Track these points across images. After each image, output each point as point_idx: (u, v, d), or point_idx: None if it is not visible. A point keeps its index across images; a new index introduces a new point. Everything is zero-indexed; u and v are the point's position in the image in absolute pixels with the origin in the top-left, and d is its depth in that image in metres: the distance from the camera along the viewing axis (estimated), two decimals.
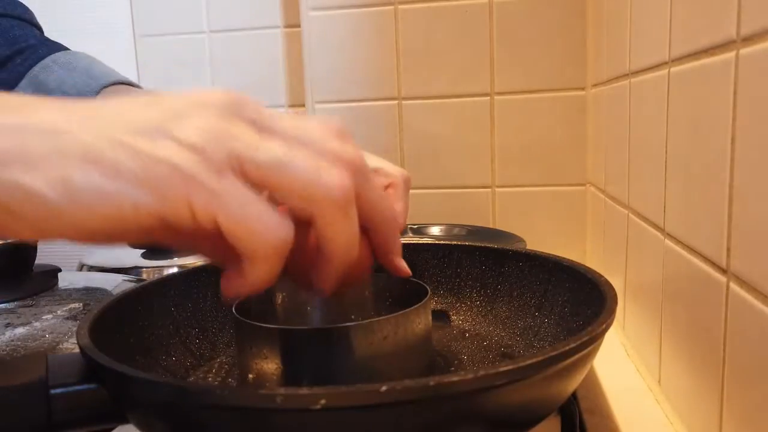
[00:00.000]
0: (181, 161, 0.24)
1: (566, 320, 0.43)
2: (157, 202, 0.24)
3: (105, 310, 0.39)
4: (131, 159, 0.24)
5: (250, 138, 0.25)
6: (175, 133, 0.25)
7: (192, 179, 0.24)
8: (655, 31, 0.51)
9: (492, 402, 0.28)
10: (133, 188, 0.24)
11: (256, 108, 0.27)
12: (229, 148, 0.25)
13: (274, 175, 0.25)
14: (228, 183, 0.25)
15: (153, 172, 0.24)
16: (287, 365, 0.35)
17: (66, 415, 0.30)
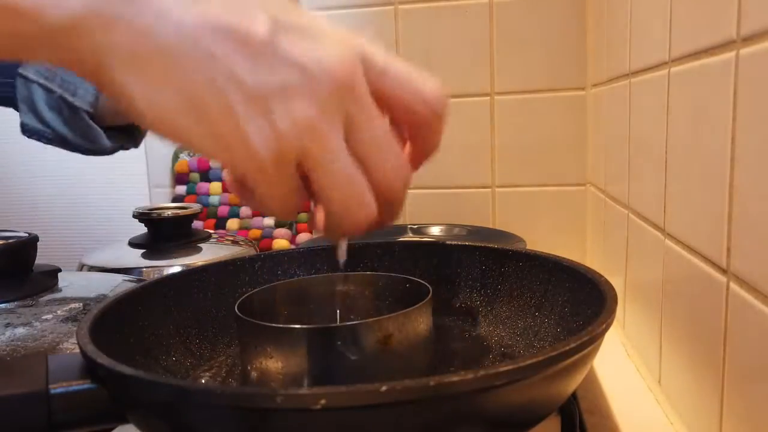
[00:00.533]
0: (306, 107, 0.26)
1: (566, 320, 0.43)
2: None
3: (105, 310, 0.39)
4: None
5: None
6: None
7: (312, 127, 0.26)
8: (655, 30, 0.51)
9: (492, 402, 0.28)
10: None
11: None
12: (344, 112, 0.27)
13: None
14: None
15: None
16: (290, 364, 0.35)
17: (66, 415, 0.30)
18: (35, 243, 0.54)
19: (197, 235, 0.78)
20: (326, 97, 0.26)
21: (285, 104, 0.26)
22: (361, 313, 0.45)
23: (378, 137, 0.28)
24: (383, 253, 0.54)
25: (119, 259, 0.74)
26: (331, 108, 0.27)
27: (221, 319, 0.49)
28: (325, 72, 0.26)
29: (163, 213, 0.75)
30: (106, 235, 1.06)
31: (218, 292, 0.50)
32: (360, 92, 0.27)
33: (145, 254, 0.75)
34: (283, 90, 0.26)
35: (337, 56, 0.26)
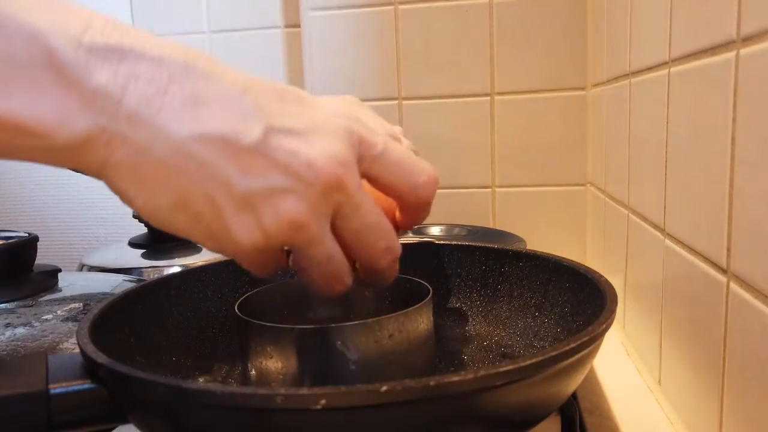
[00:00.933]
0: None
1: (566, 320, 0.43)
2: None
3: (105, 310, 0.39)
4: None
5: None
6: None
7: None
8: (655, 30, 0.51)
9: (492, 402, 0.28)
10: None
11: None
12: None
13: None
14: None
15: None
16: (291, 364, 0.35)
17: (66, 416, 0.30)
18: (35, 243, 0.54)
19: None
20: (314, 197, 0.27)
21: (272, 205, 0.27)
22: (361, 313, 0.45)
23: (367, 225, 0.30)
24: None
25: (119, 259, 0.74)
26: (319, 206, 0.28)
27: (221, 319, 0.49)
28: (314, 175, 0.27)
29: None
30: (106, 235, 1.06)
31: (218, 292, 0.50)
32: (350, 188, 0.28)
33: (145, 254, 0.75)
34: (271, 192, 0.27)
35: (328, 157, 0.27)
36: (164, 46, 0.26)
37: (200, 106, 0.26)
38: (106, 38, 0.25)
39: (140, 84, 0.25)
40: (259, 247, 0.28)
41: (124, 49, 0.25)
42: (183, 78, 0.26)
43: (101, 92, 0.25)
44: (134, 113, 0.25)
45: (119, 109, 0.25)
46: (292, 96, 0.29)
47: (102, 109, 0.25)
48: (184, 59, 0.26)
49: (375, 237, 0.30)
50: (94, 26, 0.25)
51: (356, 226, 0.30)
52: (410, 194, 0.31)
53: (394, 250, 0.32)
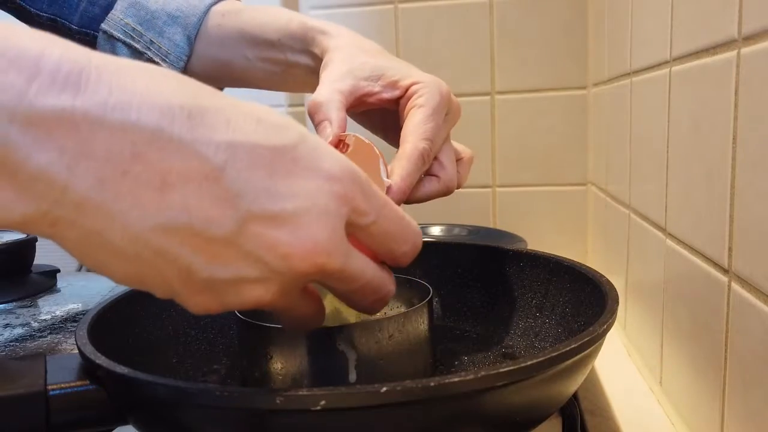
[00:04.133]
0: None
1: (567, 320, 0.42)
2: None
3: (104, 311, 0.38)
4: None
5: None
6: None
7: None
8: (656, 30, 0.51)
9: (493, 403, 0.28)
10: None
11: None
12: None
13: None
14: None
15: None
16: (290, 364, 0.35)
17: (65, 416, 0.30)
18: (34, 244, 0.54)
19: None
20: (286, 283, 0.25)
21: (236, 291, 0.25)
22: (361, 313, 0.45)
23: (355, 290, 0.28)
24: None
25: None
26: (291, 288, 0.26)
27: (220, 320, 0.49)
28: (288, 265, 0.24)
29: None
30: None
31: None
32: (331, 271, 0.26)
33: None
34: (238, 282, 0.24)
35: (310, 248, 0.24)
36: (133, 98, 0.22)
37: (167, 188, 0.22)
38: (53, 99, 0.20)
39: (94, 163, 0.21)
40: (218, 312, 0.26)
41: (76, 115, 0.20)
42: (149, 152, 0.21)
43: (42, 177, 0.20)
44: (84, 199, 0.21)
45: (65, 194, 0.21)
46: (287, 157, 0.25)
47: (43, 195, 0.21)
48: (156, 123, 0.22)
49: (363, 296, 0.29)
50: (40, 78, 0.20)
51: (341, 291, 0.28)
52: (389, 259, 0.30)
53: (384, 299, 0.30)
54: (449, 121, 0.43)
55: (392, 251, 0.29)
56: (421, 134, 0.39)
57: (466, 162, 0.46)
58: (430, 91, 0.41)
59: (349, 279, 0.27)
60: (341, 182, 0.26)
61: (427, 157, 0.40)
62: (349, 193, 0.26)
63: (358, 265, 0.27)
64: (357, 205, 0.26)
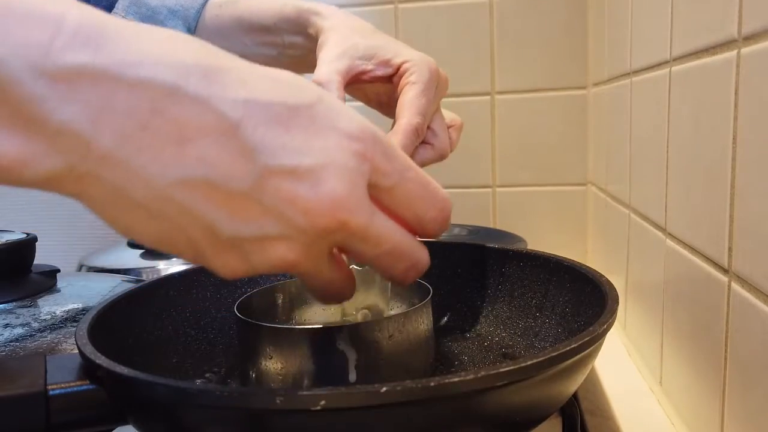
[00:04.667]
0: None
1: (567, 320, 0.42)
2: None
3: (104, 310, 0.38)
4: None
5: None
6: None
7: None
8: (656, 29, 0.51)
9: (493, 403, 0.28)
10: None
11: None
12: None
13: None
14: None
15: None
16: (290, 364, 0.35)
17: (65, 416, 0.30)
18: (34, 243, 0.54)
19: None
20: (310, 241, 0.25)
21: (261, 249, 0.25)
22: None
23: (380, 254, 0.27)
24: None
25: (118, 260, 0.74)
26: (316, 247, 0.26)
27: (220, 319, 0.49)
28: (310, 221, 0.24)
29: None
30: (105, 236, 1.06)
31: (217, 293, 0.50)
32: (354, 227, 0.25)
33: (144, 255, 0.75)
34: (261, 238, 0.25)
35: (329, 203, 0.24)
36: (150, 57, 0.22)
37: (185, 142, 0.23)
38: (75, 56, 0.21)
39: (116, 117, 0.22)
40: (247, 276, 0.26)
41: (97, 71, 0.21)
42: (168, 106, 0.22)
43: (67, 131, 0.21)
44: (108, 154, 0.22)
45: (89, 149, 0.22)
46: (304, 114, 0.25)
47: (69, 149, 0.22)
48: (173, 80, 0.22)
49: (392, 262, 0.28)
50: (62, 37, 0.21)
51: (369, 256, 0.27)
52: (417, 226, 0.29)
53: (418, 264, 0.29)
54: (439, 94, 0.45)
55: (419, 217, 0.28)
56: (414, 110, 0.42)
57: (457, 129, 0.50)
58: (420, 69, 0.43)
59: (375, 240, 0.26)
60: (361, 141, 0.26)
61: (420, 130, 0.42)
62: (369, 152, 0.26)
63: (384, 226, 0.27)
64: (378, 165, 0.26)
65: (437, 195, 0.29)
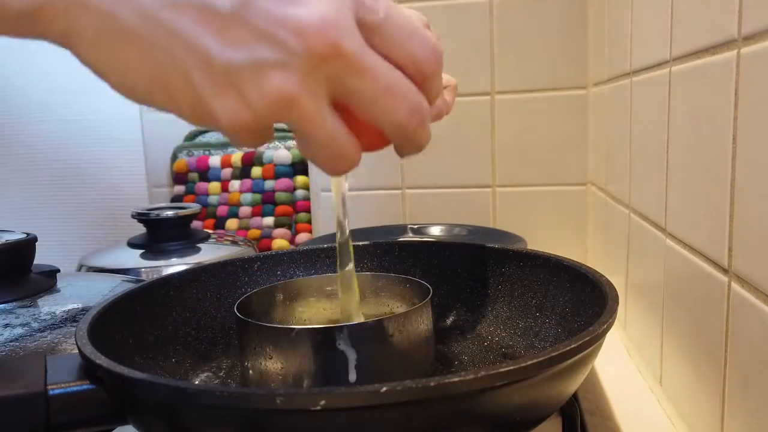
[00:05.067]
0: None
1: (567, 320, 0.42)
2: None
3: (104, 310, 0.38)
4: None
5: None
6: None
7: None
8: (656, 29, 0.51)
9: (493, 403, 0.28)
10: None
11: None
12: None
13: None
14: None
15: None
16: (290, 364, 0.35)
17: (65, 416, 0.30)
18: (34, 243, 0.54)
19: (196, 235, 0.78)
20: (306, 69, 0.24)
21: (257, 80, 0.24)
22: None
23: (380, 91, 0.26)
24: (383, 253, 0.54)
25: (118, 260, 0.74)
26: (313, 79, 0.25)
27: (220, 319, 0.49)
28: (305, 44, 0.24)
29: (161, 213, 0.75)
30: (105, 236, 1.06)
31: (217, 293, 0.50)
32: (350, 54, 0.25)
33: (143, 255, 0.75)
34: (256, 66, 0.24)
35: (318, 21, 0.24)
36: None
37: None
38: None
39: None
40: (247, 126, 0.25)
41: None
42: None
43: None
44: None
45: None
46: None
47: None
48: None
49: (393, 102, 0.26)
50: None
51: (368, 95, 0.26)
52: (411, 66, 0.27)
53: (419, 110, 0.27)
54: None
55: (412, 55, 0.27)
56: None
57: (452, 89, 0.49)
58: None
59: (372, 73, 0.26)
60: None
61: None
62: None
63: (379, 60, 0.26)
64: (359, 1, 0.26)
65: (425, 33, 0.28)
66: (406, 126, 0.27)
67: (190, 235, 0.77)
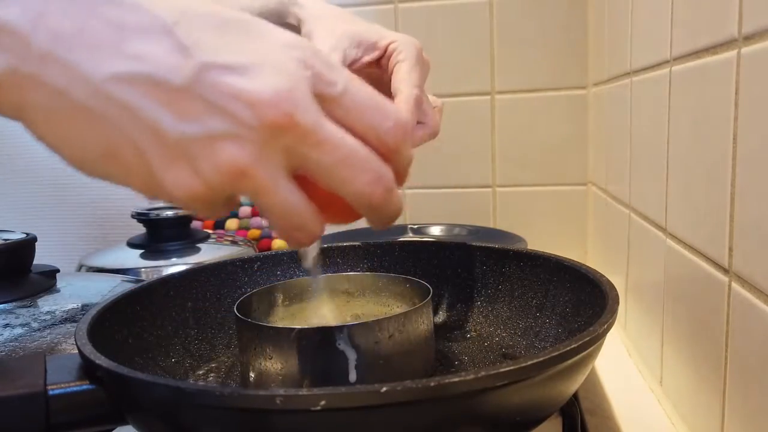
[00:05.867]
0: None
1: (567, 320, 0.42)
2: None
3: (103, 310, 0.38)
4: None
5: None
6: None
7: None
8: (656, 29, 0.51)
9: (493, 403, 0.28)
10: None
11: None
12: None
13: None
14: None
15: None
16: (290, 364, 0.35)
17: (64, 416, 0.30)
18: (33, 243, 0.54)
19: (196, 235, 0.78)
20: (260, 141, 0.24)
21: (209, 152, 0.24)
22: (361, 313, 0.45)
23: (338, 160, 0.26)
24: (383, 253, 0.54)
25: (118, 260, 0.74)
26: (267, 151, 0.25)
27: (220, 319, 0.49)
28: (257, 116, 0.24)
29: (161, 213, 0.75)
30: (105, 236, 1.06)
31: (217, 293, 0.50)
32: (304, 126, 0.25)
33: (143, 255, 0.75)
34: (208, 137, 0.24)
35: (271, 93, 0.24)
36: None
37: (123, 40, 0.23)
38: None
39: (53, 18, 0.23)
40: (201, 198, 0.25)
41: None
42: (105, 8, 0.23)
43: (8, 29, 0.22)
44: (47, 52, 0.23)
45: (30, 47, 0.22)
46: (236, 26, 0.25)
47: (10, 48, 0.22)
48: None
49: (352, 173, 0.26)
50: None
51: (326, 166, 0.26)
52: (374, 140, 0.27)
53: (382, 180, 0.27)
54: (424, 73, 0.47)
55: (374, 128, 0.27)
56: (410, 83, 0.44)
57: (440, 110, 0.51)
58: (407, 47, 0.45)
59: (330, 144, 0.25)
60: (299, 49, 0.26)
61: (419, 101, 0.44)
62: (309, 60, 0.26)
63: (337, 130, 0.26)
64: (320, 72, 0.26)
65: (388, 105, 0.28)
66: (369, 196, 0.27)
67: (189, 235, 0.77)
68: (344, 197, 0.27)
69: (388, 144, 0.27)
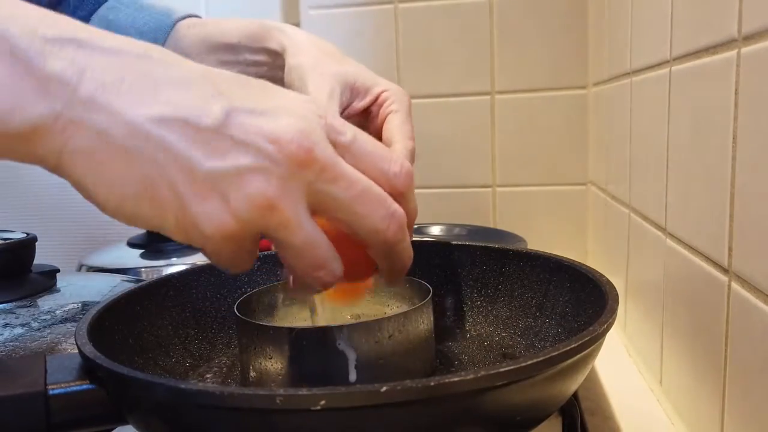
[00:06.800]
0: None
1: (567, 320, 0.42)
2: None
3: (104, 310, 0.38)
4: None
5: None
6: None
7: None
8: (656, 29, 0.51)
9: (493, 403, 0.28)
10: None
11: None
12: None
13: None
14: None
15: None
16: (291, 364, 0.35)
17: (64, 416, 0.30)
18: (34, 243, 0.54)
19: None
20: (284, 175, 0.26)
21: (239, 186, 0.26)
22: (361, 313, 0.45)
23: (354, 196, 0.28)
24: None
25: (118, 260, 0.74)
26: (290, 184, 0.27)
27: (220, 319, 0.49)
28: (281, 150, 0.26)
29: None
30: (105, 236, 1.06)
31: (217, 293, 0.50)
32: (322, 161, 0.27)
33: (143, 254, 0.75)
34: (237, 173, 0.26)
35: (295, 131, 0.27)
36: (119, 39, 0.27)
37: (159, 89, 0.26)
38: (61, 31, 0.25)
39: (96, 72, 0.25)
40: (229, 234, 0.27)
41: (81, 41, 0.25)
42: (140, 65, 0.26)
43: (57, 78, 0.24)
44: (90, 98, 0.25)
45: (75, 94, 0.25)
46: (256, 84, 0.29)
47: (57, 95, 0.24)
48: (140, 50, 0.27)
49: (369, 208, 0.28)
50: (49, 20, 0.25)
51: (343, 201, 0.28)
52: (384, 182, 0.30)
53: (396, 216, 0.29)
54: (412, 126, 0.48)
55: (384, 171, 0.30)
56: (405, 135, 0.44)
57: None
58: (399, 97, 0.46)
59: (347, 179, 0.28)
60: (312, 102, 0.29)
61: (414, 152, 0.44)
62: (321, 111, 0.29)
63: (351, 168, 0.28)
64: (332, 123, 0.29)
65: (393, 153, 0.31)
66: (385, 231, 0.29)
67: None
68: (359, 234, 0.29)
69: (398, 187, 0.30)
